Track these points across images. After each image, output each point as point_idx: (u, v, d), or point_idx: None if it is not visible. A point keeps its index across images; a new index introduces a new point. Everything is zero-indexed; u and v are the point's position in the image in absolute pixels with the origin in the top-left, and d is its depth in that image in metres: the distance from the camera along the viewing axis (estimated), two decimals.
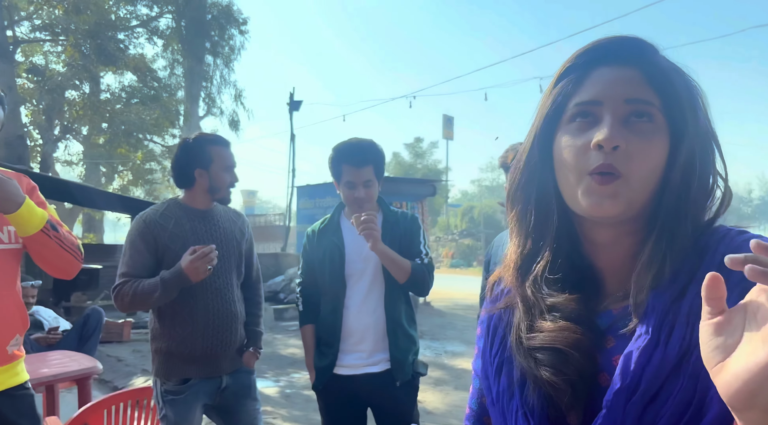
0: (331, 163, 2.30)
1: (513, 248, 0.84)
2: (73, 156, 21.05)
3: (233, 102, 22.37)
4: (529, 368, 0.75)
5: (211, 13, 20.30)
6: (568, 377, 0.71)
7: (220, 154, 2.30)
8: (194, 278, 2.11)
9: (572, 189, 0.74)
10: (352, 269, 2.28)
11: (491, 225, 32.81)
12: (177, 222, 2.25)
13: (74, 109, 16.05)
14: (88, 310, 5.28)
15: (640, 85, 0.72)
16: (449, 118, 40.92)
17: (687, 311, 0.66)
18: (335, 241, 2.31)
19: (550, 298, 0.78)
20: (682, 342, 0.64)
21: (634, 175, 0.70)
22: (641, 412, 0.65)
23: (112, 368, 6.19)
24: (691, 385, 0.63)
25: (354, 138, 2.30)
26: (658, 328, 0.67)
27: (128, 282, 2.18)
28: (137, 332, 8.02)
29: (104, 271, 10.27)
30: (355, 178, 2.22)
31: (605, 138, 0.69)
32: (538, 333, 0.76)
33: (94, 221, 21.96)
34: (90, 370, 3.36)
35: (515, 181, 0.82)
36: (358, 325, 2.26)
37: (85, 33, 14.71)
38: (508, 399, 0.79)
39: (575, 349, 0.72)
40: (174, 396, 2.21)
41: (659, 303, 0.68)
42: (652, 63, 0.74)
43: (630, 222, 0.74)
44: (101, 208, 14.25)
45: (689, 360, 0.63)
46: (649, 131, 0.71)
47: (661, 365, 0.65)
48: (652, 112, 0.71)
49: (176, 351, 2.22)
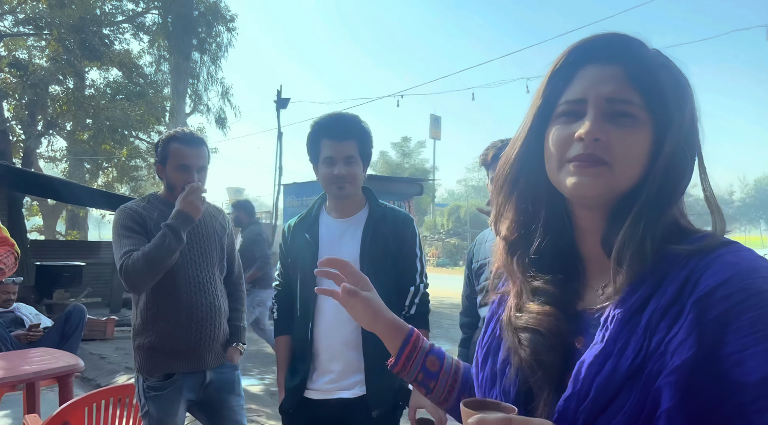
0: (309, 140, 2.00)
1: (504, 232, 0.87)
2: (56, 152, 20.79)
3: (220, 99, 22.23)
4: (513, 345, 0.80)
5: (198, 9, 20.12)
6: (542, 359, 0.76)
7: (176, 153, 2.25)
8: (194, 213, 2.13)
9: (555, 175, 0.79)
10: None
11: (477, 224, 32.93)
12: (160, 213, 2.25)
13: (58, 105, 15.83)
14: (70, 307, 5.23)
15: (622, 84, 0.75)
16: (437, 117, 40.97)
17: (645, 324, 0.67)
18: (309, 238, 2.00)
19: (535, 281, 0.83)
20: (636, 356, 0.66)
21: (617, 163, 0.74)
22: (592, 420, 0.67)
23: (95, 366, 6.13)
24: (642, 399, 0.64)
25: (336, 112, 2.02)
26: (613, 339, 0.68)
27: (133, 251, 2.11)
28: (121, 329, 7.95)
29: (87, 268, 10.18)
30: (334, 153, 1.92)
31: (586, 131, 0.74)
32: (526, 313, 0.81)
33: (78, 218, 21.70)
34: (71, 368, 3.32)
35: (506, 170, 0.86)
36: (329, 340, 1.93)
37: (70, 27, 14.51)
38: (490, 386, 0.84)
39: (554, 335, 0.77)
40: (156, 392, 2.20)
41: (620, 311, 0.70)
42: (638, 59, 0.77)
43: (613, 210, 0.77)
44: (85, 204, 14.10)
45: (642, 374, 0.65)
46: (631, 125, 0.74)
47: (611, 376, 0.66)
48: (632, 110, 0.75)
49: (159, 346, 2.20)
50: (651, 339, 0.65)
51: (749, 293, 0.62)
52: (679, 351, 0.62)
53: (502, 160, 0.87)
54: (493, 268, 0.93)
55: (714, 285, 0.64)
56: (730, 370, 0.60)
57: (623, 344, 0.67)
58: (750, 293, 0.62)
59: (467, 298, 2.34)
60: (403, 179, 15.82)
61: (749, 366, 0.59)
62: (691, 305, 0.64)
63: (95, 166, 20.40)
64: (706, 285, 0.64)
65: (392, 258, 1.97)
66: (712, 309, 0.62)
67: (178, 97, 20.64)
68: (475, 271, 2.26)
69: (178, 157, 2.25)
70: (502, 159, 0.88)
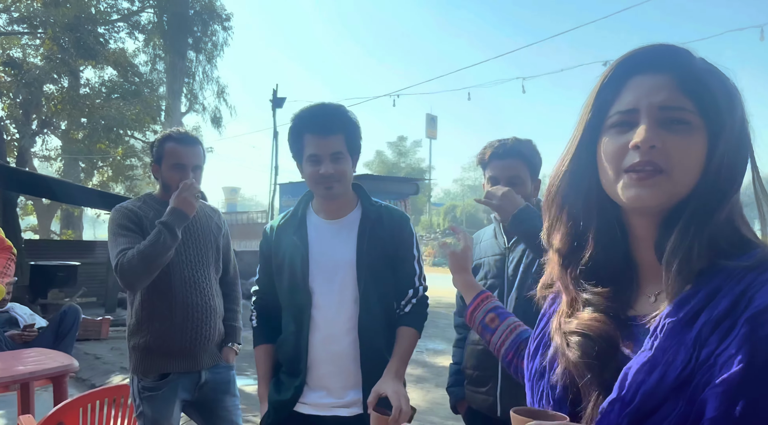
0: (290, 136, 1.82)
1: (557, 244, 0.90)
2: (51, 151, 20.69)
3: (216, 98, 22.20)
4: (561, 347, 0.82)
5: (193, 8, 20.10)
6: (590, 362, 0.78)
7: (171, 152, 2.26)
8: (189, 210, 2.13)
9: (612, 186, 0.80)
10: (320, 278, 1.80)
11: (474, 224, 32.99)
12: (156, 213, 2.24)
13: (52, 104, 15.77)
14: (65, 307, 5.21)
15: (673, 92, 0.77)
16: (433, 117, 40.98)
17: (695, 336, 0.68)
18: (297, 242, 1.82)
19: (587, 293, 0.84)
20: (685, 367, 0.67)
21: (675, 170, 0.75)
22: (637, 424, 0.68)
23: (90, 366, 6.11)
24: (688, 409, 0.65)
25: (319, 102, 1.82)
26: (662, 348, 0.69)
27: (128, 249, 2.11)
28: (116, 330, 7.93)
29: (82, 268, 10.14)
30: (320, 150, 1.74)
31: (642, 139, 0.75)
32: (575, 319, 0.83)
33: (73, 217, 21.63)
34: (66, 368, 3.31)
35: (557, 183, 0.88)
36: (325, 353, 1.78)
37: (64, 26, 14.46)
38: (538, 379, 0.89)
39: (603, 340, 0.78)
40: (151, 393, 2.20)
41: (671, 321, 0.71)
42: (687, 69, 0.78)
43: (668, 217, 0.78)
44: (80, 204, 14.05)
45: (689, 385, 0.66)
46: (686, 131, 0.76)
47: (658, 385, 0.68)
48: (686, 116, 0.76)
49: (155, 346, 2.20)
50: (701, 351, 0.66)
51: None
52: (728, 364, 0.63)
53: (553, 174, 0.89)
54: (545, 279, 0.97)
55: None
56: None
57: (672, 354, 0.68)
58: None
59: (461, 298, 2.34)
60: (399, 178, 15.84)
61: None
62: (744, 321, 0.65)
63: (90, 165, 20.34)
64: (761, 301, 0.65)
65: (390, 261, 1.84)
66: (766, 326, 0.63)
67: (174, 96, 20.61)
68: None
69: (173, 156, 2.25)
70: (553, 173, 0.89)
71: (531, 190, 2.11)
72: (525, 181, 2.07)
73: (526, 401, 0.92)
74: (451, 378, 2.30)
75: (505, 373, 2.02)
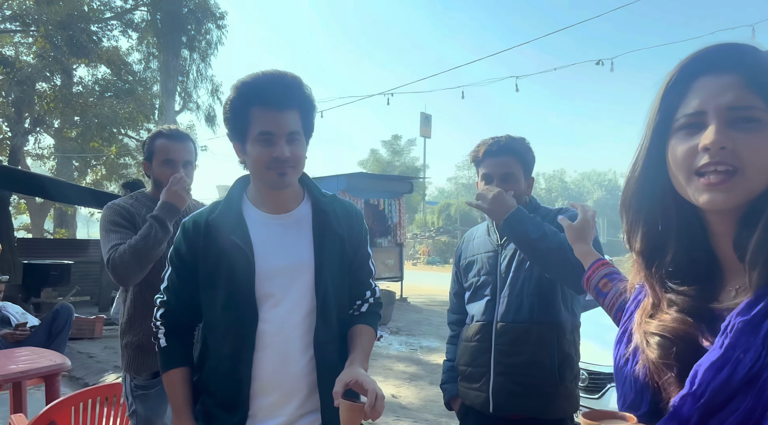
0: (231, 108, 1.47)
1: (639, 247, 0.91)
2: (44, 149, 20.58)
3: (210, 97, 22.11)
4: (642, 345, 0.85)
5: (187, 6, 19.99)
6: (669, 362, 0.79)
7: (161, 148, 2.26)
8: (180, 203, 2.13)
9: (684, 188, 0.81)
10: (269, 287, 1.48)
11: (468, 222, 33.00)
12: (148, 210, 2.23)
13: (45, 102, 15.65)
14: (57, 306, 5.19)
15: (741, 91, 0.76)
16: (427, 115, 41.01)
17: (765, 334, 0.69)
18: (237, 241, 1.47)
19: (670, 293, 0.85)
20: (754, 364, 0.68)
21: (748, 169, 0.75)
22: (705, 420, 0.72)
23: (83, 365, 6.10)
24: (756, 404, 0.68)
25: (272, 70, 1.49)
26: (732, 346, 0.71)
27: (120, 244, 2.09)
28: (109, 328, 7.91)
29: (76, 267, 10.11)
30: (273, 127, 1.43)
31: (711, 141, 0.75)
32: (656, 320, 0.85)
33: (67, 216, 21.53)
34: (58, 367, 3.30)
35: (632, 187, 0.90)
36: (275, 377, 1.47)
37: (57, 24, 14.36)
38: (623, 363, 0.90)
39: (682, 341, 0.80)
40: (144, 391, 2.19)
41: (741, 320, 0.72)
42: (754, 65, 0.78)
43: (746, 212, 0.78)
44: (74, 202, 13.96)
45: (758, 381, 0.68)
46: (757, 129, 0.75)
47: (727, 382, 0.70)
48: (756, 115, 0.75)
49: (147, 344, 2.18)
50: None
51: None
52: None
53: (626, 179, 0.91)
54: (631, 282, 0.97)
55: None
56: None
57: (741, 352, 0.70)
58: None
59: (455, 295, 2.35)
60: (394, 177, 15.83)
61: None
62: None
63: (83, 164, 20.24)
64: None
65: (349, 262, 1.61)
66: None
67: (168, 94, 20.53)
68: (463, 268, 2.27)
69: (163, 151, 2.26)
70: (626, 179, 0.91)
71: (524, 188, 2.11)
72: (518, 179, 2.08)
73: (615, 387, 0.96)
74: (445, 375, 2.31)
75: (498, 369, 2.04)
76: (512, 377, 1.99)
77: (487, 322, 2.07)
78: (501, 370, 2.02)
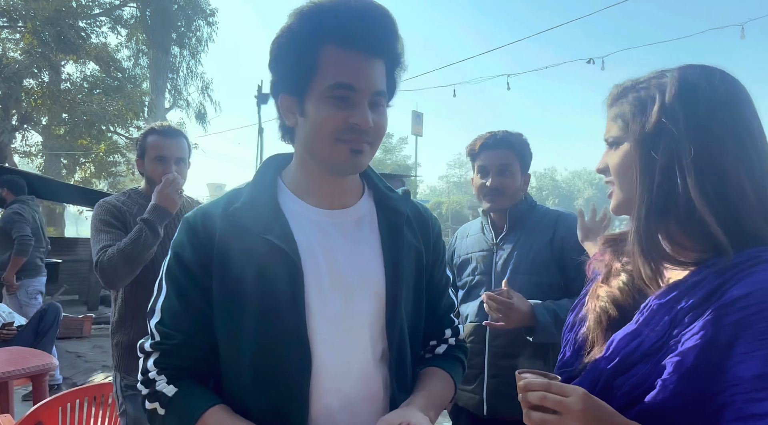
0: (289, 40, 1.04)
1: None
2: (31, 147, 20.35)
3: (200, 94, 22.01)
4: (589, 312, 1.03)
5: (177, 3, 19.87)
6: (601, 330, 0.99)
7: (153, 145, 2.25)
8: (171, 206, 2.11)
9: None
10: (326, 312, 1.04)
11: (459, 220, 33.06)
12: (140, 208, 2.21)
13: (33, 99, 15.49)
14: (45, 305, 5.13)
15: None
16: (418, 114, 41.02)
17: (672, 317, 0.85)
18: (279, 244, 1.01)
19: (620, 264, 1.03)
20: (658, 340, 0.85)
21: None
22: (611, 380, 0.90)
23: (72, 364, 6.04)
24: (651, 370, 0.85)
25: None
26: (645, 323, 0.88)
27: (109, 247, 2.07)
28: (98, 327, 7.84)
29: (64, 265, 10.01)
30: (357, 80, 0.99)
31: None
32: (606, 285, 1.03)
33: (55, 214, 21.31)
34: (45, 367, 3.26)
35: None
36: (335, 400, 1.04)
37: (45, 20, 14.22)
38: (568, 330, 1.09)
39: (619, 310, 0.98)
40: (134, 391, 2.16)
41: (656, 303, 0.89)
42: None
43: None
44: (62, 200, 13.83)
45: (658, 354, 0.84)
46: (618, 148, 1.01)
47: (635, 350, 0.87)
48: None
49: (137, 343, 2.15)
50: (673, 330, 0.84)
51: (764, 307, 0.77)
52: (689, 341, 0.81)
53: None
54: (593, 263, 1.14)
55: (737, 296, 0.79)
56: (734, 366, 0.77)
57: (650, 328, 0.87)
58: (765, 307, 0.77)
59: None
60: (385, 175, 15.81)
61: (749, 365, 0.76)
62: (713, 309, 0.80)
63: (72, 162, 20.05)
64: (731, 295, 0.80)
65: (424, 283, 1.19)
66: (731, 315, 0.79)
67: (157, 91, 20.40)
68: (456, 267, 2.22)
69: (155, 148, 2.24)
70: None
71: (520, 184, 2.09)
72: (515, 173, 2.05)
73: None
74: None
75: (492, 372, 2.01)
76: (506, 379, 1.97)
77: (480, 323, 2.04)
78: (495, 372, 2.00)
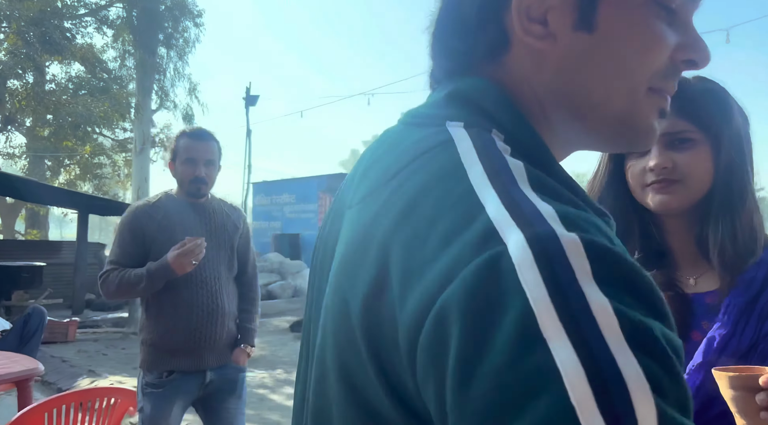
0: None
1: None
2: (15, 148, 20.11)
3: (187, 95, 21.82)
4: None
5: (164, 4, 19.74)
6: None
7: (183, 147, 2.33)
8: (179, 272, 2.16)
9: (641, 198, 1.03)
10: None
11: None
12: (166, 214, 2.28)
13: (17, 100, 15.33)
14: (29, 310, 5.08)
15: (671, 118, 0.94)
16: None
17: (759, 312, 0.92)
18: None
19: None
20: (753, 336, 0.91)
21: (687, 180, 0.97)
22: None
23: (57, 369, 5.97)
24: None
25: None
26: (735, 323, 0.92)
27: (115, 270, 2.22)
28: (83, 332, 7.77)
29: (48, 269, 9.91)
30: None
31: (654, 164, 0.98)
32: None
33: (39, 216, 21.07)
34: (30, 372, 3.21)
35: (595, 196, 1.09)
36: None
37: (29, 20, 14.08)
38: None
39: (679, 316, 0.98)
40: (154, 389, 2.22)
41: (737, 302, 0.93)
42: (681, 94, 1.01)
43: (690, 214, 1.01)
44: (46, 202, 13.72)
45: (756, 350, 0.91)
46: (690, 147, 0.97)
47: (735, 350, 0.91)
48: (688, 136, 0.97)
49: (159, 343, 2.23)
50: (763, 324, 0.91)
51: None
52: None
53: (588, 188, 1.10)
54: None
55: None
56: None
57: (743, 327, 0.92)
58: None
59: None
60: None
61: None
62: None
63: (56, 163, 19.87)
64: None
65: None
66: None
67: (144, 92, 20.20)
68: None
69: (185, 150, 2.32)
70: (587, 190, 1.09)
71: None
72: None
73: None
74: None
75: None
76: None
77: None
78: None
